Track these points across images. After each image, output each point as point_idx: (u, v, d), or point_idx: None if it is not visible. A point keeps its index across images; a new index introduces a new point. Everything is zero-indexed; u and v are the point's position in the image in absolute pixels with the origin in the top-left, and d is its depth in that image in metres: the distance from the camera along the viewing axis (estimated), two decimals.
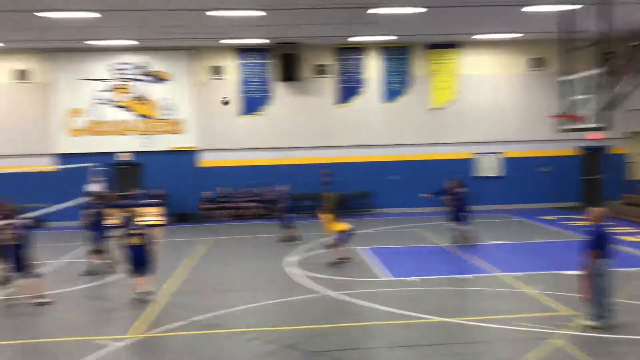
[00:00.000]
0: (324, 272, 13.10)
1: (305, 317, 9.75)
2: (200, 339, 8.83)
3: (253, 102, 23.93)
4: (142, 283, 10.79)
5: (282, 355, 8.03)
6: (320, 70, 23.99)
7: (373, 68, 24.12)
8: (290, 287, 11.96)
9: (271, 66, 23.77)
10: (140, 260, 10.73)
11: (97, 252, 13.69)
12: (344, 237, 13.94)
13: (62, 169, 21.10)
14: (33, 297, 10.77)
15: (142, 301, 10.64)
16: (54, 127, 23.07)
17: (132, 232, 10.88)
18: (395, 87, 24.25)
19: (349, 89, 24.15)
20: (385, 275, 12.72)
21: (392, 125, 24.22)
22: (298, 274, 12.98)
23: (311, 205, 22.78)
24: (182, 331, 9.17)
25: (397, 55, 24.16)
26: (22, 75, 22.99)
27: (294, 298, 11.04)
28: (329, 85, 24.07)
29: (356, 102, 24.19)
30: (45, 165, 22.07)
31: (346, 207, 23.81)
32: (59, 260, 15.50)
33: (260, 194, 23.74)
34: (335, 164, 23.81)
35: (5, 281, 11.59)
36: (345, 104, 24.14)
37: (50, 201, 19.09)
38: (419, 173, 24.08)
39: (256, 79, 23.90)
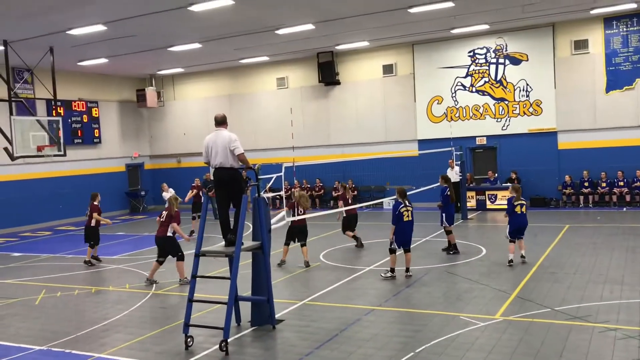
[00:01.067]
0: None
1: None
2: (567, 329, 8.36)
3: (622, 75, 21.41)
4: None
5: None
6: None
7: None
8: None
9: None
10: None
11: (449, 232, 14.29)
12: None
13: (422, 154, 22.59)
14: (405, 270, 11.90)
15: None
16: (418, 114, 24.83)
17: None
18: None
19: None
20: None
21: None
22: None
23: None
24: (545, 319, 8.85)
25: None
26: (389, 69, 25.37)
27: None
28: None
29: None
30: (410, 151, 23.97)
31: None
32: (421, 239, 16.64)
33: (626, 178, 21.20)
34: None
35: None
36: None
37: (412, 183, 20.75)
38: None
39: (626, 50, 21.30)
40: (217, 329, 8.42)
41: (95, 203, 15.68)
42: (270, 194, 22.68)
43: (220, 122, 9.21)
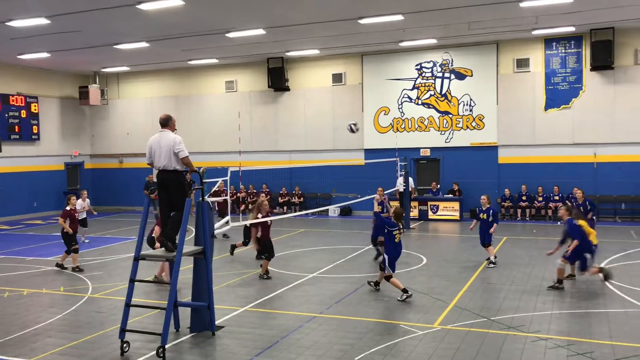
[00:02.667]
0: (636, 283, 11.57)
1: (623, 333, 8.72)
2: (502, 338, 8.61)
3: (560, 95, 22.34)
4: None
5: None
6: None
7: None
8: (604, 297, 10.84)
9: (582, 55, 21.87)
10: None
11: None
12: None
13: (368, 163, 22.86)
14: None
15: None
16: (365, 124, 25.13)
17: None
18: None
19: None
20: None
21: None
22: (606, 283, 11.70)
23: (629, 209, 20.71)
24: (481, 328, 9.09)
25: None
26: (338, 78, 25.59)
27: (610, 310, 9.97)
28: None
29: None
30: (356, 160, 24.22)
31: None
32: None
33: (561, 193, 22.10)
34: None
35: None
36: None
37: (358, 192, 21.00)
38: None
39: (564, 70, 22.25)
40: (155, 335, 8.23)
41: (68, 208, 14.63)
42: (214, 199, 22.43)
43: (165, 123, 9.03)
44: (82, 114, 30.00)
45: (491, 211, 13.93)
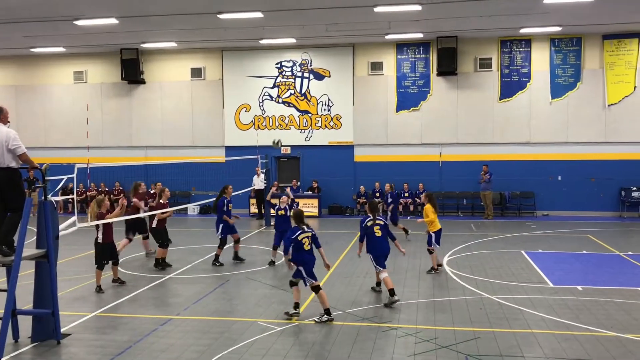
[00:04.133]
0: (479, 273, 12.64)
1: (463, 319, 9.47)
2: (355, 329, 8.94)
3: (410, 98, 23.74)
4: None
5: (437, 356, 7.87)
6: (482, 64, 23.11)
7: (540, 61, 22.71)
8: (447, 287, 11.69)
9: (430, 60, 23.42)
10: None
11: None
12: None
13: (229, 160, 22.63)
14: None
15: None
16: (226, 121, 24.82)
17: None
18: (564, 82, 22.64)
19: (514, 83, 22.99)
20: (545, 282, 11.93)
21: (560, 122, 22.68)
22: (452, 274, 12.66)
23: (470, 204, 22.59)
24: (338, 321, 9.37)
25: (568, 47, 22.50)
26: (198, 72, 25.02)
27: (452, 298, 10.76)
28: (491, 79, 23.13)
29: (521, 97, 22.96)
30: (217, 157, 23.86)
31: (506, 207, 22.99)
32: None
33: (410, 190, 23.53)
34: (496, 162, 22.83)
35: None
36: (509, 99, 23.02)
37: (218, 189, 20.65)
38: (589, 173, 22.44)
39: (414, 74, 23.68)
40: None
41: (141, 191, 14.51)
42: (61, 198, 20.90)
43: None
44: None
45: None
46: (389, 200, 19.21)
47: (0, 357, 7.29)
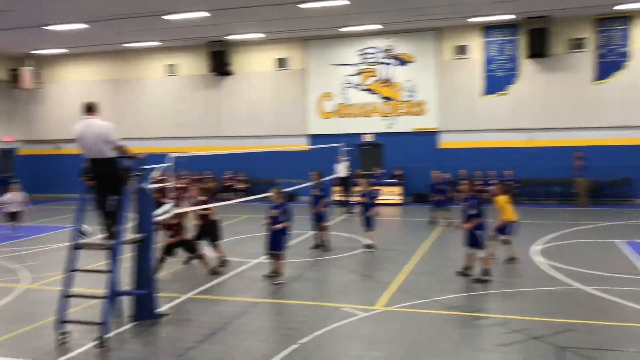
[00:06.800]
0: (572, 263, 12.14)
1: (555, 310, 9.15)
2: (442, 319, 8.88)
3: (498, 81, 22.98)
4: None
5: (527, 346, 7.67)
6: (575, 45, 21.96)
7: None
8: (538, 276, 11.32)
9: (519, 43, 22.55)
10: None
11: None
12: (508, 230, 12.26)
13: (312, 148, 22.90)
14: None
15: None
16: (308, 110, 25.13)
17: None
18: None
19: (610, 64, 21.69)
20: None
21: None
22: (543, 263, 12.24)
23: (561, 191, 21.64)
24: (424, 309, 9.33)
25: None
26: (282, 63, 25.44)
27: (543, 289, 10.43)
28: (585, 60, 21.93)
29: (618, 78, 21.65)
30: (300, 145, 24.21)
31: (601, 195, 21.83)
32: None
33: (499, 177, 22.83)
34: (590, 147, 21.67)
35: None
36: (604, 80, 21.77)
37: (302, 177, 20.98)
38: None
39: (502, 57, 22.89)
40: (95, 325, 8.05)
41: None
42: (156, 185, 21.94)
43: (91, 109, 8.60)
44: (13, 98, 28.64)
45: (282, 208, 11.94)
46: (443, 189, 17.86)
47: (105, 333, 7.85)
